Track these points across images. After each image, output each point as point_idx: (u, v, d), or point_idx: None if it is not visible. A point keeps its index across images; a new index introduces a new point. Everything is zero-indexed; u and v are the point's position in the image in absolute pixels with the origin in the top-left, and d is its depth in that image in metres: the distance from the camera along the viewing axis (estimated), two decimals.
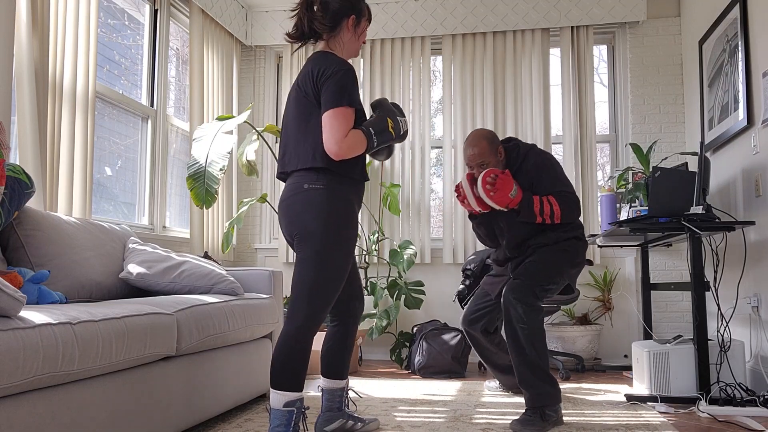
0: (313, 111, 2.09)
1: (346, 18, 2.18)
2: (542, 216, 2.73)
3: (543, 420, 2.47)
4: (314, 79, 2.07)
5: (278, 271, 3.10)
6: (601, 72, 5.10)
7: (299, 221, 2.05)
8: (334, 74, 2.03)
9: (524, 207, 2.74)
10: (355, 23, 2.20)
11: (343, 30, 2.19)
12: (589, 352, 4.16)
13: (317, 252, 2.02)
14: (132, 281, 2.65)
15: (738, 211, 3.45)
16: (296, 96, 2.14)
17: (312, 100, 2.08)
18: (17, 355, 1.43)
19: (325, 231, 2.03)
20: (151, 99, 4.05)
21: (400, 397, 3.13)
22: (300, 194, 2.06)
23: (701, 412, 2.73)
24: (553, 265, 2.74)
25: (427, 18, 4.66)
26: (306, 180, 2.07)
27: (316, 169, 2.07)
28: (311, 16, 2.17)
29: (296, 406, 1.96)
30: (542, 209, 2.73)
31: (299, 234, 2.06)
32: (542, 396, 2.52)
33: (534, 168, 2.81)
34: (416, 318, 4.59)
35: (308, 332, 2.01)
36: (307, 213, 2.04)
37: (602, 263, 4.42)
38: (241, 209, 4.21)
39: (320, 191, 2.05)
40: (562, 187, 2.78)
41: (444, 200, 4.61)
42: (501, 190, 2.71)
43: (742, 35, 3.33)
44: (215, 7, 4.39)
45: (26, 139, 2.74)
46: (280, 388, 1.96)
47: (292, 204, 2.08)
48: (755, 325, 3.24)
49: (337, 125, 2.01)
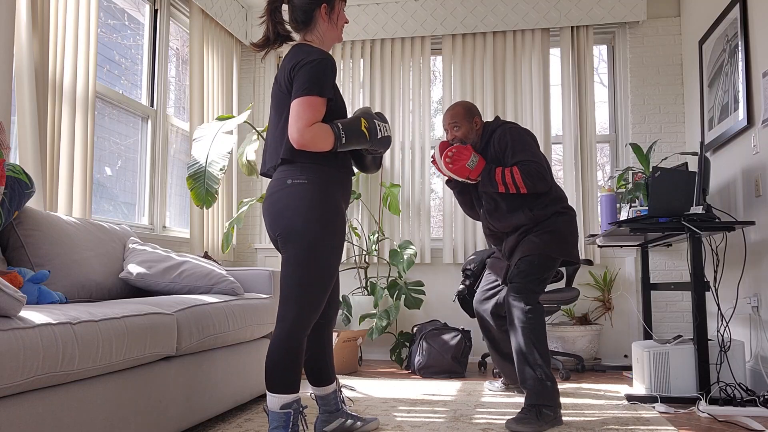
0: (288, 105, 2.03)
1: (318, 8, 2.12)
2: (505, 185, 2.77)
3: (539, 419, 2.47)
4: (288, 71, 2.01)
5: (278, 271, 3.09)
6: (601, 72, 5.10)
7: (282, 219, 2.00)
8: (308, 63, 1.97)
9: (484, 176, 2.81)
10: (328, 10, 2.13)
11: (317, 21, 2.13)
12: (589, 352, 4.16)
13: (303, 250, 1.97)
14: (132, 281, 2.65)
15: (738, 211, 3.45)
16: (274, 92, 2.10)
17: (286, 93, 2.03)
18: (17, 355, 1.43)
19: (310, 228, 1.97)
20: (151, 99, 4.05)
21: (400, 397, 3.13)
22: (283, 190, 2.01)
23: (701, 412, 2.73)
24: (541, 257, 2.75)
25: (427, 18, 4.66)
26: (289, 175, 2.01)
27: (300, 164, 2.01)
28: (276, 20, 2.14)
29: (293, 408, 1.95)
30: (504, 178, 2.77)
31: (283, 233, 2.00)
32: (540, 395, 2.54)
33: (498, 141, 2.88)
34: (416, 318, 4.59)
35: (299, 333, 1.98)
36: (290, 210, 1.98)
37: (602, 263, 4.42)
38: (241, 209, 4.21)
39: (304, 186, 1.99)
40: (525, 157, 2.80)
41: (444, 200, 4.61)
42: (458, 161, 2.81)
43: (742, 35, 3.33)
44: (215, 7, 4.39)
45: (26, 139, 2.74)
46: (276, 390, 1.95)
47: (275, 201, 2.02)
48: (755, 325, 3.24)
49: (302, 113, 1.93)
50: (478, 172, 2.83)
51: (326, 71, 1.98)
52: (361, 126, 2.06)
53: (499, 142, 2.87)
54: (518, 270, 2.76)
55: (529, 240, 2.81)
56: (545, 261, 2.75)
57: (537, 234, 2.80)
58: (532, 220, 2.83)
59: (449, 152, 2.84)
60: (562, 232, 2.81)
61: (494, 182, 2.79)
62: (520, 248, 2.82)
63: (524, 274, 2.73)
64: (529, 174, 2.75)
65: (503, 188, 2.78)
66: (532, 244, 2.78)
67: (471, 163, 2.82)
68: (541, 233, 2.80)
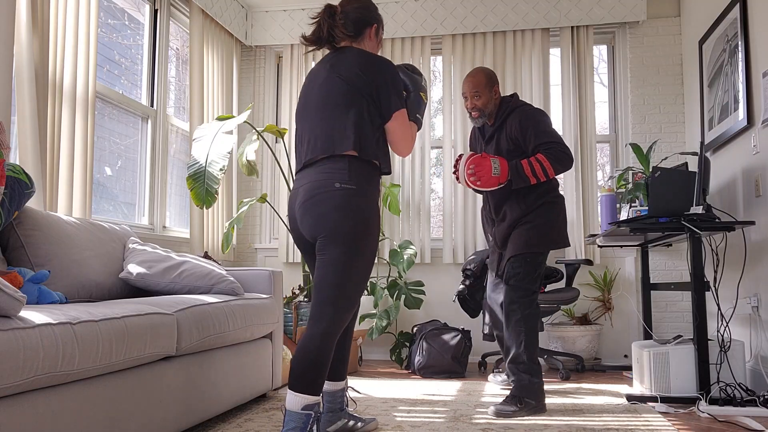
0: (356, 100, 2.05)
1: (369, 27, 2.22)
2: (535, 176, 2.82)
3: (519, 406, 2.70)
4: (361, 70, 2.06)
5: (278, 271, 3.10)
6: (601, 72, 5.10)
7: (328, 222, 1.98)
8: (390, 73, 2.09)
9: (514, 176, 2.82)
10: (377, 30, 2.25)
11: (365, 38, 2.23)
12: (589, 352, 4.16)
13: (345, 253, 1.97)
14: (132, 281, 2.65)
15: (738, 211, 3.45)
16: (333, 83, 2.08)
17: (353, 87, 2.05)
18: (17, 355, 1.43)
19: (356, 234, 1.98)
20: (151, 99, 4.05)
21: (400, 397, 3.13)
22: (329, 193, 1.99)
23: (701, 412, 2.73)
24: (533, 254, 2.85)
25: (427, 18, 4.66)
26: (337, 178, 2.00)
27: (349, 166, 2.02)
28: (332, 24, 2.17)
29: (314, 410, 1.92)
30: (533, 170, 2.80)
31: (327, 235, 1.98)
32: (523, 387, 2.77)
33: (517, 124, 2.89)
34: (416, 318, 4.59)
35: (333, 336, 1.98)
36: (337, 213, 1.97)
37: (602, 263, 4.42)
38: (241, 209, 4.21)
39: (353, 192, 1.99)
40: (547, 138, 2.83)
41: (444, 200, 4.61)
42: (483, 174, 2.81)
43: (742, 35, 3.33)
44: (215, 7, 4.39)
45: (26, 139, 2.74)
46: (299, 390, 1.92)
47: (319, 203, 2.00)
48: (755, 325, 3.24)
49: (405, 130, 2.11)
50: (505, 173, 2.82)
51: (400, 79, 2.16)
52: (424, 100, 2.23)
53: (519, 126, 2.88)
54: (513, 271, 2.87)
55: (519, 234, 2.88)
56: (536, 257, 2.87)
57: (526, 228, 2.87)
58: (523, 210, 2.90)
59: (469, 169, 2.82)
60: (550, 223, 2.89)
61: (525, 177, 2.82)
62: (512, 242, 2.91)
63: (519, 276, 2.86)
64: (556, 158, 2.80)
65: (535, 180, 2.82)
66: (522, 242, 2.86)
67: (495, 171, 2.80)
68: (530, 227, 2.87)
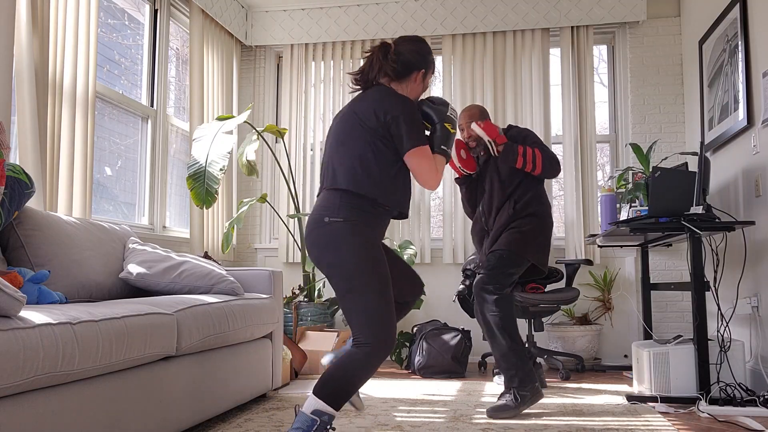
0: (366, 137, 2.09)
1: (417, 71, 2.21)
2: (524, 158, 2.99)
3: (516, 402, 2.68)
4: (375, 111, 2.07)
5: (278, 271, 3.10)
6: (601, 72, 5.10)
7: (323, 258, 2.05)
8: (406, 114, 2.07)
9: (507, 148, 3.01)
10: (423, 76, 2.24)
11: (410, 81, 2.22)
12: (589, 352, 4.16)
13: (348, 283, 2.01)
14: (132, 281, 2.65)
15: (738, 211, 3.45)
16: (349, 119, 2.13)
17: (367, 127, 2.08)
18: (17, 355, 1.43)
19: (346, 265, 2.00)
20: (151, 99, 4.05)
21: (400, 397, 3.13)
22: (321, 228, 2.05)
23: (701, 412, 2.73)
24: (510, 253, 2.95)
25: (427, 18, 4.66)
26: (327, 213, 2.05)
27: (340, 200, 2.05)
28: (383, 64, 2.17)
29: (322, 419, 1.90)
30: (525, 153, 3.00)
31: (326, 272, 2.05)
32: (513, 378, 2.76)
33: (517, 134, 3.12)
34: (416, 318, 4.59)
35: (380, 357, 1.97)
36: (328, 249, 2.04)
37: (602, 263, 4.42)
38: (241, 209, 4.21)
39: (339, 225, 2.03)
40: (543, 145, 3.08)
41: (444, 200, 4.61)
42: (489, 126, 3.06)
43: (742, 35, 3.33)
44: (215, 7, 4.39)
45: (26, 139, 2.74)
46: (319, 395, 1.92)
47: (316, 239, 2.07)
48: (755, 325, 3.25)
49: (430, 166, 2.10)
50: (503, 141, 3.02)
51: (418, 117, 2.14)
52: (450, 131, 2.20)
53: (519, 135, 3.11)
54: (488, 263, 2.97)
55: (503, 236, 3.01)
56: (514, 258, 2.94)
57: (510, 232, 3.00)
58: (511, 216, 3.02)
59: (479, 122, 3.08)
60: (533, 233, 3.00)
61: (515, 152, 2.99)
62: (498, 242, 3.03)
63: (491, 266, 2.94)
64: (548, 158, 3.01)
65: (521, 161, 2.98)
66: (504, 240, 2.98)
67: (500, 131, 3.08)
68: (514, 232, 2.99)
